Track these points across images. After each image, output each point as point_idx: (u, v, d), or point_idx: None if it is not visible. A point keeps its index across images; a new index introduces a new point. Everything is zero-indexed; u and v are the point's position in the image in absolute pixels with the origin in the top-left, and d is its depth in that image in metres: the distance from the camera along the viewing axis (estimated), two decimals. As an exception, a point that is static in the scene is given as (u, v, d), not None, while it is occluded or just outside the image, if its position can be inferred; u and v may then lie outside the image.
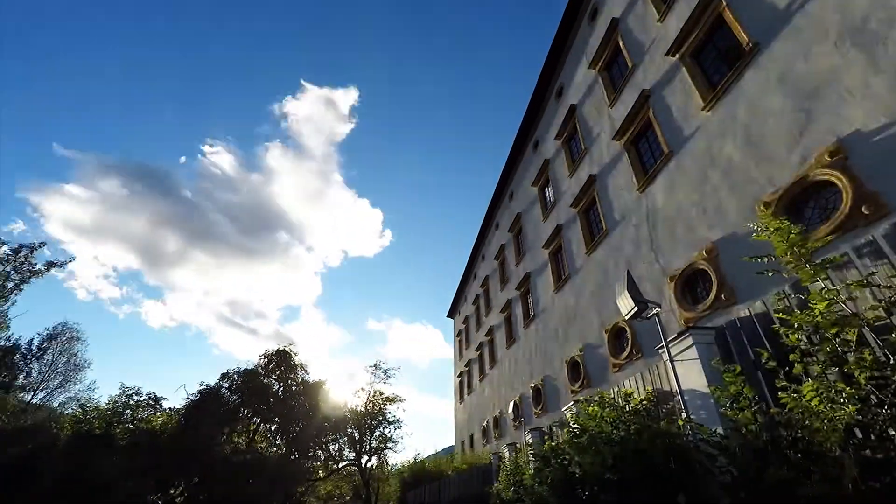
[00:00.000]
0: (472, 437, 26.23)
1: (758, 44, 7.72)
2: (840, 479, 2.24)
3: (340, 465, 22.62)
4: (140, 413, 17.39)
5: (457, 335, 34.85)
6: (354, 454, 21.97)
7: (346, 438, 21.96)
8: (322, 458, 21.78)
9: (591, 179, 13.43)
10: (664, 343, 4.78)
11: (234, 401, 18.80)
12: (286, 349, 21.42)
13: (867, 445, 2.24)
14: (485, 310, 26.17)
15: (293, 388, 20.52)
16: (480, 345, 26.09)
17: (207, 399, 18.05)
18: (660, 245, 10.03)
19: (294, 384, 20.70)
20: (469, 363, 28.87)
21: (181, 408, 18.01)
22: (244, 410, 18.99)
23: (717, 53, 8.99)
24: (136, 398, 17.43)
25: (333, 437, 21.61)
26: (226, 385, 19.15)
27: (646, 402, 4.69)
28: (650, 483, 3.74)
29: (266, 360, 20.74)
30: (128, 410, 17.08)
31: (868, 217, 5.62)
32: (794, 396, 2.60)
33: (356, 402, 22.81)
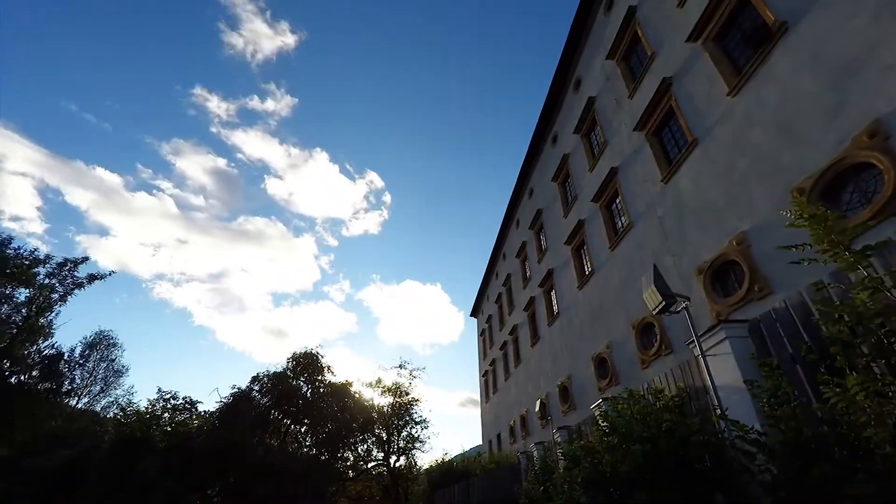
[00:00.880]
0: (500, 437, 26.10)
1: (786, 23, 7.39)
2: (889, 477, 2.12)
3: (369, 465, 22.88)
4: (177, 416, 18.04)
5: (480, 334, 34.75)
6: (383, 454, 22.19)
7: (374, 439, 22.20)
8: (351, 459, 22.10)
9: (613, 172, 13.16)
10: (695, 337, 4.63)
11: (265, 403, 19.27)
12: (313, 352, 21.82)
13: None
14: (507, 308, 25.99)
15: (321, 390, 20.89)
16: (504, 343, 25.94)
17: (240, 402, 18.57)
18: (687, 237, 9.73)
19: (321, 386, 21.07)
20: (493, 362, 28.75)
21: (215, 411, 18.59)
22: (275, 412, 19.45)
23: (742, 36, 8.66)
24: (173, 402, 18.10)
25: (361, 438, 21.89)
26: (256, 388, 19.66)
27: (678, 399, 4.54)
28: (685, 482, 3.64)
29: (294, 363, 21.19)
30: (165, 414, 17.75)
31: (913, 199, 5.31)
32: (838, 391, 2.46)
33: (382, 402, 23.04)
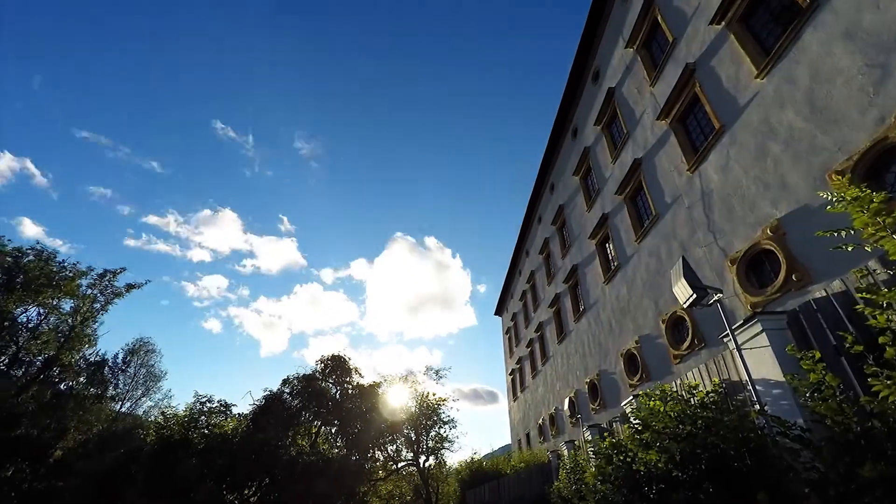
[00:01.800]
0: (529, 435, 25.88)
1: (816, -2, 7.04)
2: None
3: (399, 466, 23.06)
4: (213, 419, 18.65)
5: (505, 332, 34.55)
6: (412, 454, 22.33)
7: (403, 439, 22.37)
8: (381, 459, 22.33)
9: (637, 163, 12.83)
10: (729, 331, 4.47)
11: (296, 405, 19.72)
12: (341, 354, 22.25)
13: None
14: (532, 305, 25.74)
15: (349, 391, 21.22)
16: (530, 341, 25.71)
17: (272, 404, 19.05)
18: (717, 226, 9.40)
19: (350, 387, 21.41)
20: (520, 360, 28.53)
21: (248, 413, 19.13)
22: (305, 414, 19.87)
23: (770, 15, 8.29)
24: (209, 405, 18.73)
25: (391, 438, 22.09)
26: (287, 390, 20.14)
27: (713, 395, 4.39)
28: (724, 480, 3.51)
29: (322, 366, 21.62)
30: (202, 417, 18.38)
31: (966, 177, 4.96)
32: (888, 383, 2.32)
33: (410, 403, 23.20)
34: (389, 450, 22.45)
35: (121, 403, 28.88)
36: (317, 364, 21.71)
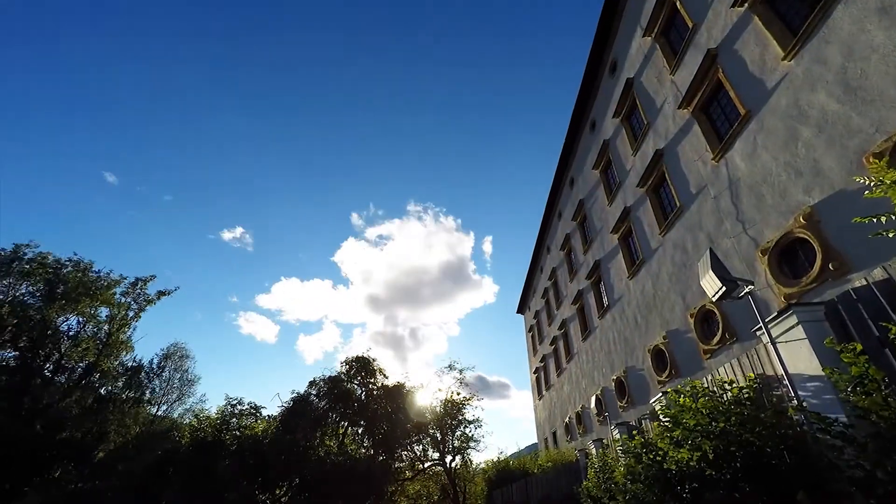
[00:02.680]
0: (555, 434, 25.59)
1: (846, -27, 6.71)
2: None
3: (426, 466, 23.14)
4: (244, 421, 19.15)
5: (528, 331, 34.26)
6: (438, 454, 22.37)
7: (429, 439, 22.43)
8: (408, 459, 22.46)
9: (658, 154, 12.52)
10: (762, 324, 4.30)
11: (323, 406, 20.03)
12: (365, 356, 22.47)
13: None
14: (555, 303, 25.44)
15: (374, 392, 21.42)
16: (554, 339, 25.41)
17: (299, 406, 19.41)
18: (746, 216, 9.07)
19: (375, 388, 21.61)
20: (544, 358, 28.24)
21: (278, 415, 19.56)
22: (332, 415, 20.17)
23: (795, -7, 7.95)
24: (240, 407, 19.25)
25: (417, 438, 22.18)
26: (314, 392, 20.47)
27: (748, 391, 4.22)
28: (761, 479, 3.38)
29: (348, 367, 21.88)
30: (233, 419, 18.90)
31: None
32: (939, 375, 2.19)
33: (434, 403, 23.26)
34: (416, 450, 22.57)
35: (157, 407, 29.96)
36: (342, 366, 22.00)
